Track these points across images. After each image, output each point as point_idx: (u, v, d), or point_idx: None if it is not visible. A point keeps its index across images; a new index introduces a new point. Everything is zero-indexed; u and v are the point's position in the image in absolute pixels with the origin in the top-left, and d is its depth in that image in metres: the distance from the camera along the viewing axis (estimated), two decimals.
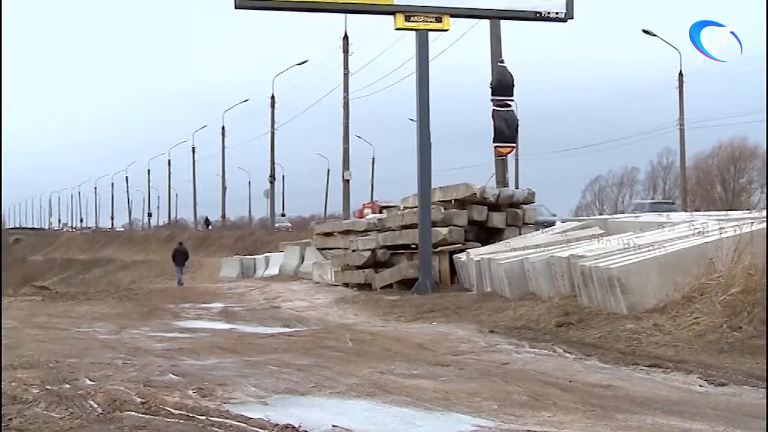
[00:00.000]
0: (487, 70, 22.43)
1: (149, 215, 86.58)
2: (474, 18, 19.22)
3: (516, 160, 40.78)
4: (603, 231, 13.97)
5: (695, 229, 10.78)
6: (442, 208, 16.95)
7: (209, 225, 69.81)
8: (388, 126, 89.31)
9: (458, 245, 16.43)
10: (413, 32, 16.20)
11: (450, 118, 53.85)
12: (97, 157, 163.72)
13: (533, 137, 68.69)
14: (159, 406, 5.37)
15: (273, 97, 50.06)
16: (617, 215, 27.91)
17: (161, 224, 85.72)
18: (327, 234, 23.86)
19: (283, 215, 67.43)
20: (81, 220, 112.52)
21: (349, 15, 32.27)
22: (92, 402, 5.55)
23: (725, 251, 9.07)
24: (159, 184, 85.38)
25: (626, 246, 10.52)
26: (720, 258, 9.05)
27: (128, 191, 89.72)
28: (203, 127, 67.54)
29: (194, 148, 70.81)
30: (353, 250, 18.57)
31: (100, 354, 8.37)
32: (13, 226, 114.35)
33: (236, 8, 15.53)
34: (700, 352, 7.50)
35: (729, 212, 16.57)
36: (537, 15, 16.38)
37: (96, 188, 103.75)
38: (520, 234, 16.91)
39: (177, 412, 5.22)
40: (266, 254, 32.49)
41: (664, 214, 16.34)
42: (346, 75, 39.81)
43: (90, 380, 6.49)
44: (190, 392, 5.91)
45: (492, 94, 21.18)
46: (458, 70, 45.74)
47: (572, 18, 16.39)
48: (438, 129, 17.43)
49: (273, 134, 50.17)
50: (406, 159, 39.65)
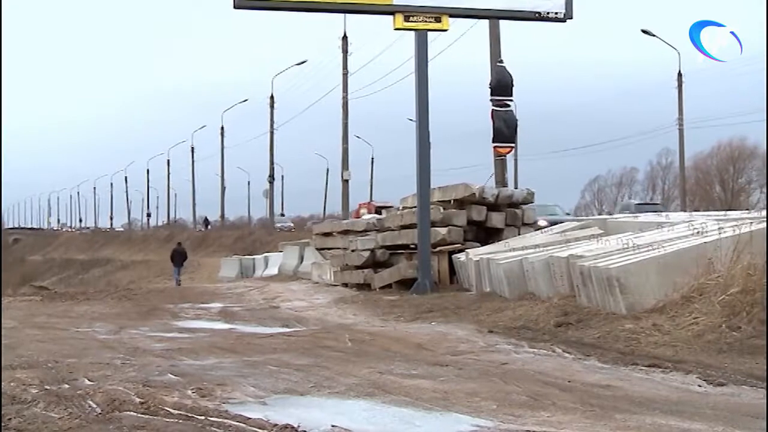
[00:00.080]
0: (487, 70, 22.47)
1: (148, 215, 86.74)
2: (473, 18, 19.21)
3: (515, 160, 40.86)
4: (602, 231, 13.99)
5: (694, 229, 10.77)
6: (441, 208, 16.95)
7: (208, 225, 69.85)
8: (388, 126, 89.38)
9: (457, 245, 16.43)
10: (412, 32, 16.20)
11: (449, 118, 53.80)
12: (97, 157, 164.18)
13: (533, 137, 68.70)
14: (158, 406, 5.36)
15: (272, 97, 50.13)
16: (606, 216, 27.81)
17: (160, 224, 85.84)
18: (326, 234, 23.88)
19: (283, 215, 67.43)
20: (80, 220, 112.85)
21: (349, 15, 32.42)
22: (91, 402, 5.55)
23: (724, 251, 9.07)
24: (158, 184, 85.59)
25: (625, 246, 10.51)
26: (719, 258, 9.04)
27: (127, 191, 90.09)
28: (202, 127, 67.81)
29: (193, 148, 71.09)
30: (352, 250, 18.57)
31: (99, 354, 8.36)
32: (13, 226, 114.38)
33: (235, 8, 15.51)
34: (699, 352, 7.49)
35: (728, 212, 16.56)
36: (536, 15, 16.37)
37: (95, 188, 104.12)
38: (519, 234, 16.91)
39: (176, 412, 5.22)
40: (265, 254, 32.48)
41: (662, 214, 16.34)
42: (346, 75, 39.84)
43: (89, 380, 6.48)
44: (189, 392, 5.90)
45: (491, 94, 21.17)
46: (457, 70, 45.80)
47: (571, 18, 16.38)
48: (437, 129, 17.42)
49: (272, 134, 50.22)
50: (406, 159, 39.53)
